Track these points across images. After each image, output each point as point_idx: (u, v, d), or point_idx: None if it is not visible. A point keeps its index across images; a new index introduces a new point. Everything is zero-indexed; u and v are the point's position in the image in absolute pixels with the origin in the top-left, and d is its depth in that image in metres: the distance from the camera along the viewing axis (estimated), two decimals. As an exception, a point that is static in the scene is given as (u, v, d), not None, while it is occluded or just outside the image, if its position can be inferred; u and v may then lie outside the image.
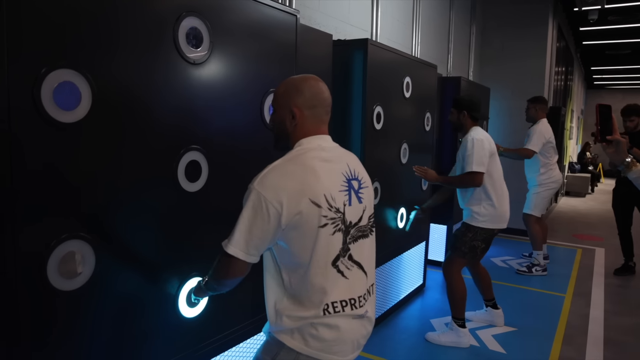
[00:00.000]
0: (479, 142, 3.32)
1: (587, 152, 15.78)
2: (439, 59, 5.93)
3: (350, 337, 1.50)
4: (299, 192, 1.40)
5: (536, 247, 5.36)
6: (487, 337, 3.65)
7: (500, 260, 5.87)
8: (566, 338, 3.72)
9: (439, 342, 3.52)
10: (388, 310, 3.96)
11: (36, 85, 1.41)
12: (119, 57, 1.64)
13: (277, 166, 1.45)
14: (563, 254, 6.38)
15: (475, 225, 3.43)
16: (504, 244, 6.68)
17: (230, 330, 2.23)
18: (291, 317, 1.45)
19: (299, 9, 2.95)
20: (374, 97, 3.34)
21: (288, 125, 1.54)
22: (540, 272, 5.32)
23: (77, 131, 1.53)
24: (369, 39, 3.24)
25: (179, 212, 1.93)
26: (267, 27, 2.32)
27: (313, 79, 1.56)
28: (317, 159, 1.48)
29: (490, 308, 3.89)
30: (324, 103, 1.56)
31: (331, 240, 1.45)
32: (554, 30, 8.00)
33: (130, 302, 1.77)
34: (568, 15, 9.53)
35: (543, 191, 5.35)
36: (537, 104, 5.35)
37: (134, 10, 1.69)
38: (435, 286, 4.86)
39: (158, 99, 1.80)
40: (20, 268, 1.42)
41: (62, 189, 1.51)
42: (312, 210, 1.40)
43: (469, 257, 3.46)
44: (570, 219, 9.15)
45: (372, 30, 4.28)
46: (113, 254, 1.69)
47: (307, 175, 1.43)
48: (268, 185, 1.40)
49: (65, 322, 1.56)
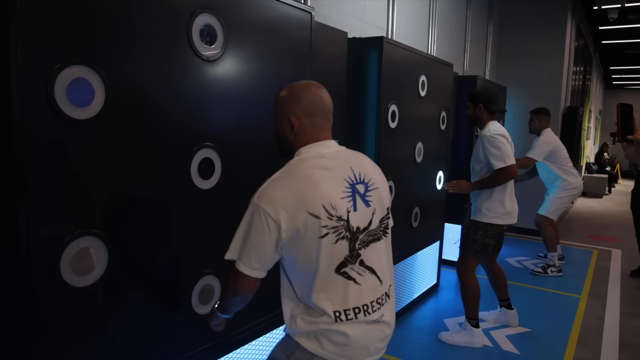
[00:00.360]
0: (499, 137, 3.29)
1: (605, 153, 15.57)
2: (455, 57, 5.88)
3: (364, 343, 1.49)
4: (297, 204, 1.39)
5: (550, 249, 5.31)
6: (501, 338, 3.62)
7: (515, 261, 5.82)
8: (581, 340, 3.68)
9: (453, 342, 3.49)
10: (401, 309, 3.94)
11: (50, 81, 1.41)
12: (132, 53, 1.65)
13: (275, 179, 1.45)
14: (579, 255, 6.30)
15: (484, 221, 3.41)
16: (518, 244, 6.62)
17: (247, 325, 2.23)
18: (305, 320, 1.46)
19: (314, 6, 2.94)
20: (389, 96, 3.33)
21: (288, 134, 1.54)
22: (555, 273, 5.26)
23: (91, 128, 1.54)
24: (385, 37, 3.23)
25: (192, 209, 1.94)
26: (282, 25, 2.32)
27: (313, 85, 1.54)
28: (315, 167, 1.47)
29: (505, 308, 3.86)
30: (324, 111, 1.54)
31: (334, 249, 1.44)
32: (572, 29, 7.89)
33: (143, 298, 1.78)
34: (587, 14, 9.40)
35: (565, 196, 5.31)
36: (541, 116, 5.34)
37: (148, 6, 1.69)
38: (449, 286, 4.83)
39: (171, 95, 1.80)
40: (33, 265, 1.43)
41: (75, 185, 1.52)
42: (311, 222, 1.40)
43: (481, 255, 3.44)
44: (586, 219, 9.04)
45: (387, 28, 4.26)
46: (126, 251, 1.70)
47: (304, 186, 1.42)
48: (267, 198, 1.40)
49: (78, 319, 1.57)
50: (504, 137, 3.33)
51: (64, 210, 1.50)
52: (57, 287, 1.50)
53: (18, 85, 1.34)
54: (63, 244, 1.50)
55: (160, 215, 1.82)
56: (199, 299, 1.99)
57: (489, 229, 3.40)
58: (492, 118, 3.47)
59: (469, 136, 5.26)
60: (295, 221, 1.39)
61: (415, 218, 3.93)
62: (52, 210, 1.47)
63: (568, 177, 5.27)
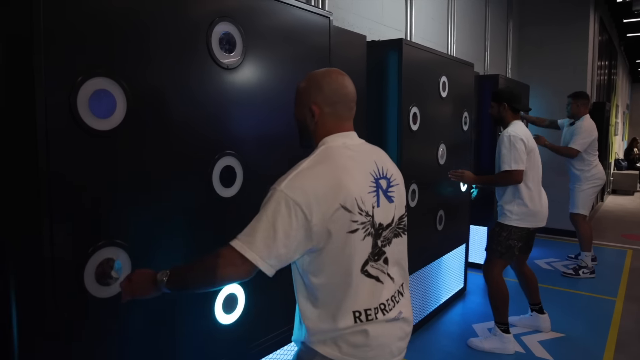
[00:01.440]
0: (515, 139, 3.22)
1: (635, 149, 15.17)
2: (476, 57, 5.80)
3: (385, 342, 1.42)
4: (330, 196, 1.31)
5: (585, 248, 5.15)
6: (533, 343, 3.52)
7: (545, 262, 5.67)
8: (619, 345, 3.54)
9: (482, 349, 3.41)
10: (428, 314, 3.87)
11: (72, 93, 1.42)
12: (152, 64, 1.65)
13: (306, 168, 1.36)
14: (612, 255, 6.12)
15: (508, 224, 3.33)
16: (547, 245, 6.46)
17: (266, 337, 2.20)
18: (323, 324, 1.39)
19: (331, 10, 2.93)
20: (410, 98, 3.28)
21: (308, 123, 1.48)
22: (588, 275, 5.10)
23: (113, 138, 1.54)
24: (404, 39, 3.19)
25: (214, 217, 1.92)
26: (300, 30, 2.30)
27: (335, 72, 1.48)
28: (346, 158, 1.41)
29: (536, 313, 3.75)
30: (346, 99, 1.47)
31: (361, 246, 1.38)
32: (595, 23, 7.71)
33: (165, 308, 1.76)
34: (610, 7, 9.20)
35: (588, 188, 5.15)
36: (579, 100, 5.18)
37: (167, 17, 1.69)
38: (477, 290, 4.73)
39: (192, 104, 1.80)
40: (57, 275, 1.42)
41: (98, 195, 1.52)
42: (343, 216, 1.33)
43: (507, 258, 3.35)
44: (618, 218, 8.78)
45: (406, 30, 4.22)
46: (149, 260, 1.68)
47: (338, 177, 1.35)
48: (298, 188, 1.30)
49: (101, 329, 1.56)
50: (522, 140, 3.25)
51: (87, 221, 1.50)
52: (82, 298, 1.49)
53: (42, 98, 1.35)
54: (87, 255, 1.50)
55: (182, 223, 1.81)
56: (223, 309, 1.97)
57: (512, 230, 3.32)
58: (516, 117, 3.40)
59: (492, 136, 5.16)
60: (327, 215, 1.30)
61: (440, 221, 3.86)
62: (76, 221, 1.47)
63: (591, 168, 5.12)
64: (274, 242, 1.28)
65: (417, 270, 3.61)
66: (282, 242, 1.28)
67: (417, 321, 3.69)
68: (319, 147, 1.45)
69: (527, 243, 3.46)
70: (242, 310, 2.06)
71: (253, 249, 1.28)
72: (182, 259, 1.80)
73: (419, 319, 3.71)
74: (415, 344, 3.49)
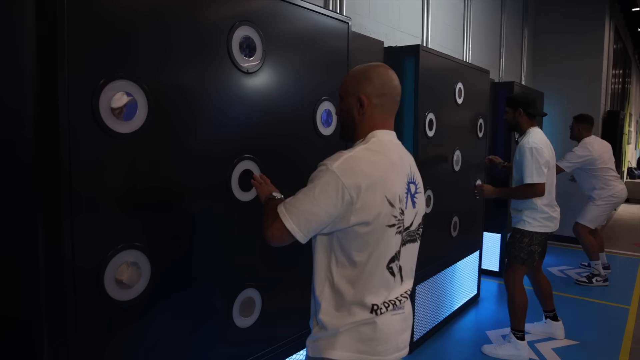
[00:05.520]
0: (539, 151, 3.20)
1: (648, 157, 15.05)
2: (491, 64, 5.80)
3: (391, 332, 1.45)
4: (379, 185, 1.35)
5: (592, 258, 5.14)
6: (547, 351, 3.50)
7: (558, 270, 5.65)
8: (633, 353, 3.52)
9: (496, 356, 3.39)
10: (442, 321, 3.87)
11: (95, 95, 1.43)
12: (174, 67, 1.67)
13: (360, 153, 1.39)
14: (625, 263, 6.08)
15: (529, 230, 3.32)
16: (561, 252, 6.43)
17: (283, 341, 2.21)
18: (335, 325, 1.40)
19: (349, 15, 2.94)
20: (426, 104, 3.29)
21: (355, 113, 1.49)
22: (601, 283, 5.08)
23: (134, 141, 1.55)
24: (420, 45, 3.20)
25: (233, 221, 1.94)
26: (319, 35, 2.32)
27: (383, 66, 1.51)
28: (395, 155, 1.44)
29: (550, 320, 3.73)
30: (394, 92, 1.50)
31: (393, 241, 1.42)
32: (610, 32, 7.69)
33: (184, 311, 1.78)
34: (626, 16, 9.16)
35: (603, 205, 5.15)
36: (581, 124, 5.20)
37: (189, 21, 1.71)
38: (490, 297, 4.72)
39: (211, 108, 1.81)
40: (77, 278, 1.43)
41: (118, 198, 1.53)
42: (385, 208, 1.36)
43: (529, 264, 3.35)
44: (631, 226, 8.72)
45: (422, 36, 4.23)
46: (168, 264, 1.70)
47: (389, 169, 1.39)
48: (349, 170, 1.33)
49: (121, 332, 1.57)
50: (544, 150, 3.24)
51: (107, 224, 1.50)
52: (102, 301, 1.50)
53: (64, 101, 1.36)
54: (107, 258, 1.50)
55: (201, 227, 1.82)
56: (240, 312, 1.99)
57: (534, 236, 3.31)
58: (532, 123, 3.39)
59: (507, 143, 5.16)
60: (372, 201, 1.34)
61: (455, 227, 3.86)
62: (96, 224, 1.47)
63: (604, 187, 5.11)
64: (315, 218, 1.34)
65: (432, 276, 3.61)
66: (322, 220, 1.34)
67: (431, 327, 3.68)
68: (368, 138, 1.46)
69: (544, 249, 3.46)
70: (259, 313, 2.07)
71: (292, 218, 1.34)
72: (199, 261, 1.81)
73: (432, 325, 3.70)
74: (429, 350, 3.49)
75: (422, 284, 3.46)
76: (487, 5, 5.65)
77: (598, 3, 7.07)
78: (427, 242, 3.43)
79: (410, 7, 4.06)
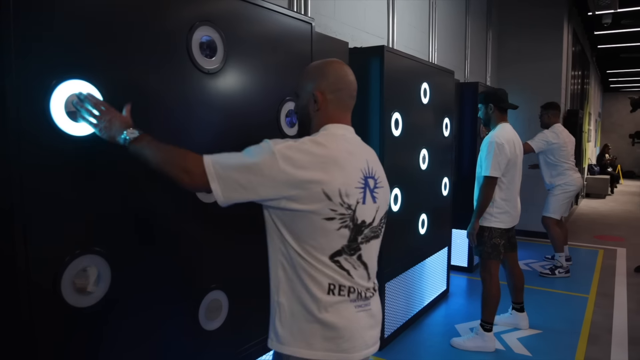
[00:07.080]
0: (499, 147, 3.32)
1: (606, 154, 15.62)
2: (457, 64, 5.94)
3: (357, 328, 1.43)
4: (316, 178, 1.34)
5: (557, 249, 5.35)
6: (512, 341, 3.64)
7: (523, 264, 5.82)
8: (591, 338, 3.71)
9: (465, 348, 3.51)
10: (413, 316, 3.96)
11: (46, 96, 1.39)
12: (131, 67, 1.63)
13: (303, 144, 1.37)
14: (585, 255, 6.34)
15: (487, 225, 3.44)
16: (526, 246, 6.64)
17: (251, 343, 2.16)
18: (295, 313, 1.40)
19: (314, 17, 2.96)
20: (392, 104, 3.36)
21: (311, 109, 1.50)
22: (563, 274, 5.29)
23: (89, 143, 1.50)
24: (385, 46, 3.26)
25: (196, 223, 1.90)
26: (283, 36, 2.30)
27: (337, 62, 1.52)
28: (342, 149, 1.43)
29: (516, 311, 3.88)
30: (350, 87, 1.51)
31: (334, 235, 1.39)
32: (569, 34, 7.98)
33: (148, 316, 1.74)
34: (583, 20, 9.50)
35: (560, 194, 5.36)
36: (550, 110, 5.46)
37: (147, 21, 1.68)
38: (459, 292, 4.85)
39: (172, 109, 1.78)
40: (33, 284, 1.38)
41: (74, 202, 1.49)
42: (322, 202, 1.35)
43: (495, 257, 3.45)
44: (591, 220, 9.08)
45: (388, 37, 4.31)
46: (130, 268, 1.65)
47: (329, 164, 1.37)
48: (287, 156, 1.33)
49: (81, 340, 1.52)
50: (504, 145, 3.33)
51: (64, 228, 1.46)
52: (59, 308, 1.45)
53: (14, 101, 1.32)
54: (64, 263, 1.45)
55: (163, 230, 1.78)
56: (206, 315, 1.95)
57: (492, 230, 3.44)
58: (503, 118, 3.50)
59: (473, 142, 5.30)
60: (305, 190, 1.33)
61: (423, 225, 3.96)
62: (52, 228, 1.42)
63: (561, 175, 5.33)
64: (241, 191, 1.34)
65: (402, 273, 3.69)
66: (246, 196, 1.34)
67: (402, 323, 3.76)
68: (320, 132, 1.47)
69: (509, 240, 3.58)
70: (226, 316, 2.03)
71: (220, 182, 1.33)
72: (162, 264, 1.78)
73: (403, 321, 3.79)
74: (400, 346, 3.58)
75: (392, 281, 3.53)
76: (452, 8, 5.78)
77: (557, 7, 7.33)
78: (396, 239, 3.53)
79: (376, 8, 4.12)
